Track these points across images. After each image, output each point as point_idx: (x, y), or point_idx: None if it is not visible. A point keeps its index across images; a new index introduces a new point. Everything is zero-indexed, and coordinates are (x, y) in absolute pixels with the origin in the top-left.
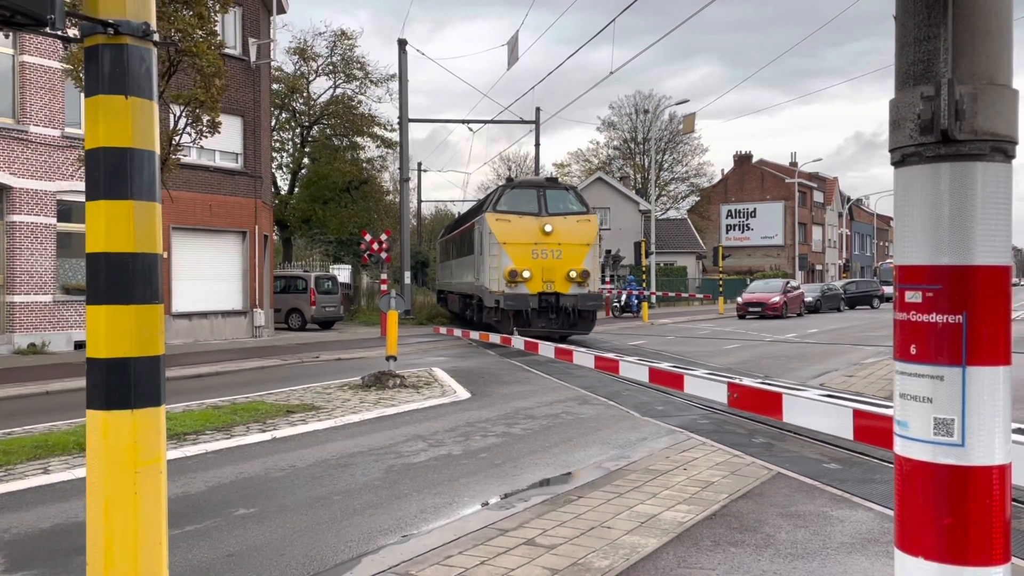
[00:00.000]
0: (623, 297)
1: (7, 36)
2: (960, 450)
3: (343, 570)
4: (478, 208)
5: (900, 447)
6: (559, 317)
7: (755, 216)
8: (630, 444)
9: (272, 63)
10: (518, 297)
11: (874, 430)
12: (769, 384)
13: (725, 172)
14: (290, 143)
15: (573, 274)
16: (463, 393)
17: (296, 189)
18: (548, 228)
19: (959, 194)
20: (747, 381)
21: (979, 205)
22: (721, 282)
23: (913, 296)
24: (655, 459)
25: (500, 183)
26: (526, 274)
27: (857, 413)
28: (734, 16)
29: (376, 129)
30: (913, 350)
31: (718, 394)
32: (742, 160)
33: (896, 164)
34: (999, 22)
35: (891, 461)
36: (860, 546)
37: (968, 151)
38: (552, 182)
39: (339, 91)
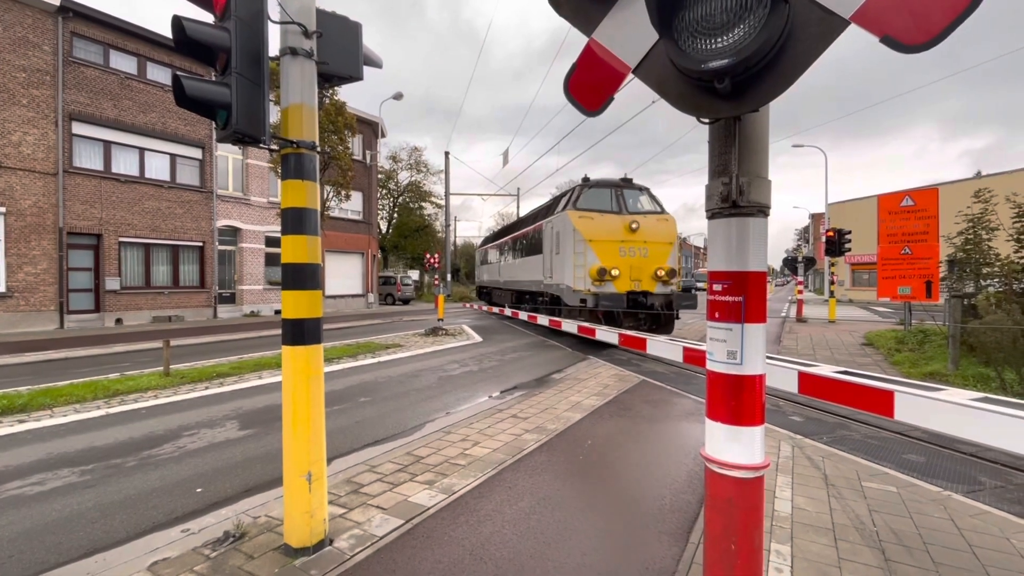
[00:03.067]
0: None
1: (240, 149)
2: (740, 366)
3: (415, 430)
4: (546, 211)
5: (709, 365)
6: (648, 317)
7: None
8: (567, 365)
9: (378, 163)
10: (610, 296)
11: (694, 357)
12: (639, 333)
13: None
14: (386, 207)
15: (660, 272)
16: (478, 338)
17: (390, 230)
18: (635, 226)
19: (740, 234)
20: (628, 332)
21: (750, 239)
22: None
23: (718, 287)
24: (579, 372)
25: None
26: (615, 272)
27: (685, 348)
28: (623, 142)
29: (432, 199)
30: (717, 315)
31: (613, 339)
32: None
33: (710, 218)
34: (762, 145)
35: (703, 374)
36: (685, 416)
37: (745, 212)
38: (627, 182)
39: (413, 178)
